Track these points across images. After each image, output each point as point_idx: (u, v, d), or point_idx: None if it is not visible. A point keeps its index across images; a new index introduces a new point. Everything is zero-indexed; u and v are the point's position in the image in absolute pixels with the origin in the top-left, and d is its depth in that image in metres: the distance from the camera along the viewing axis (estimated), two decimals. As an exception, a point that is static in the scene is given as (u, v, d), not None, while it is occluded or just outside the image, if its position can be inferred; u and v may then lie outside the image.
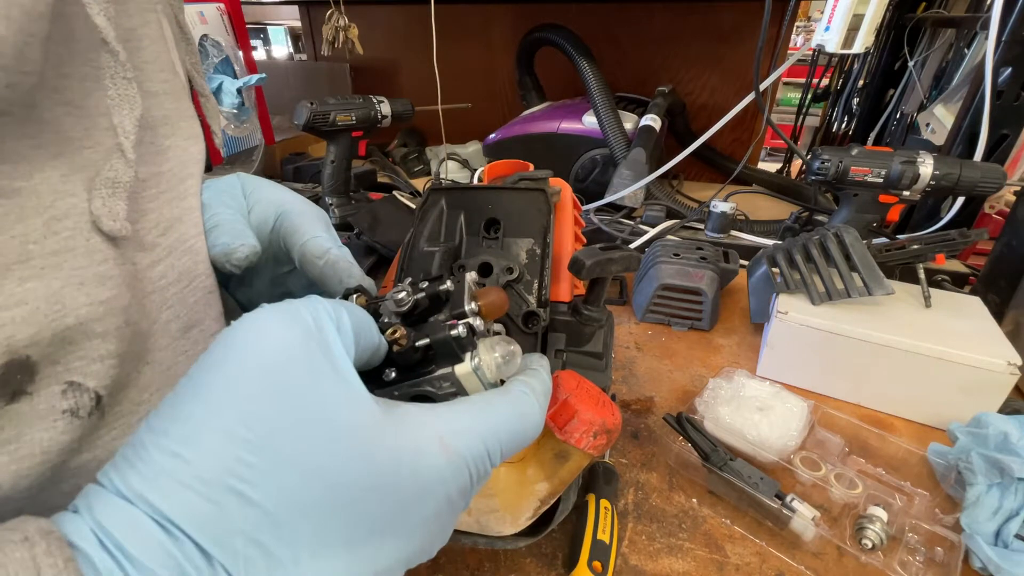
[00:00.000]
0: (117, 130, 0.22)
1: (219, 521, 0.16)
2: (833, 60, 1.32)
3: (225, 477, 0.16)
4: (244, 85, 0.99)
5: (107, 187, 0.21)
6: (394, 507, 0.18)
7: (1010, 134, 0.71)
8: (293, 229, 0.32)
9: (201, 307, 0.29)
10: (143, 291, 0.25)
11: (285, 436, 0.17)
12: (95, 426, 0.22)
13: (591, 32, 1.05)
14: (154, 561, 0.15)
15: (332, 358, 0.18)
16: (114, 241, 0.22)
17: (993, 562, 0.38)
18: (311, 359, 0.18)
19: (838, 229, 0.60)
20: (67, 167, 0.20)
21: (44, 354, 0.20)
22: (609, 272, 0.32)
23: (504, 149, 1.08)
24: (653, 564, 0.40)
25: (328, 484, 0.17)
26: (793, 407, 0.51)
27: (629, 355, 0.65)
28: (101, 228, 0.21)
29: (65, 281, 0.20)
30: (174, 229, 0.27)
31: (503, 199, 0.36)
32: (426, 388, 0.23)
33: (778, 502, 0.42)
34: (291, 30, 2.15)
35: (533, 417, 0.24)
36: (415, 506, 0.19)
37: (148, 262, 0.25)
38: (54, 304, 0.19)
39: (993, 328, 0.55)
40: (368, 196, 1.04)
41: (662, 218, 0.92)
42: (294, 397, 0.17)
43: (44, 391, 0.20)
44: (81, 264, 0.20)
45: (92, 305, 0.21)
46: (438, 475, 0.19)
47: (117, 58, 0.22)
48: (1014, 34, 0.66)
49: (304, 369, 0.18)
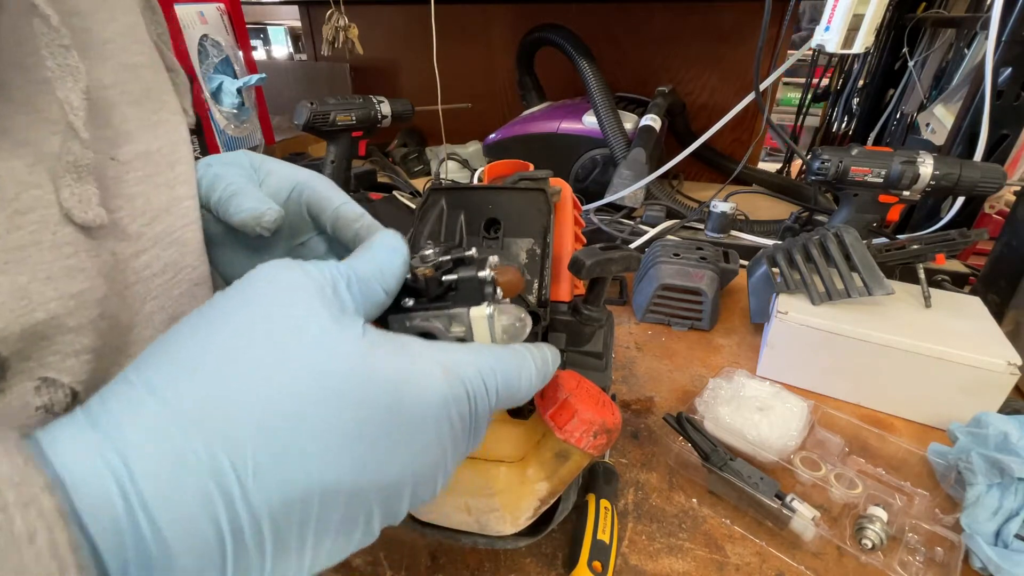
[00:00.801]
0: (64, 106, 0.21)
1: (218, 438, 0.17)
2: (833, 60, 1.32)
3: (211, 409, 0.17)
4: (244, 85, 0.99)
5: (70, 173, 0.20)
6: (395, 423, 0.19)
7: (1010, 134, 0.71)
8: (319, 197, 0.32)
9: (187, 299, 0.28)
10: (124, 282, 0.24)
11: (283, 364, 0.18)
12: None
13: (591, 32, 1.05)
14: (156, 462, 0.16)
15: (326, 299, 0.20)
16: (88, 231, 0.21)
17: (993, 562, 0.38)
18: (305, 299, 0.19)
19: (838, 229, 0.60)
20: (33, 156, 0.20)
21: (14, 350, 0.19)
22: (609, 272, 0.32)
23: (504, 149, 1.08)
24: (653, 564, 0.40)
25: (322, 400, 0.18)
26: (793, 407, 0.51)
27: (629, 355, 0.65)
28: (74, 220, 0.20)
29: (31, 276, 0.19)
30: (161, 219, 0.26)
31: (503, 199, 0.36)
32: (435, 324, 0.24)
33: (778, 502, 0.42)
34: (291, 30, 2.15)
35: (529, 378, 0.24)
36: (417, 424, 0.20)
37: (131, 252, 0.24)
38: (20, 299, 0.19)
39: (993, 328, 0.55)
40: (368, 196, 1.04)
41: (662, 218, 0.92)
42: (291, 333, 0.18)
43: (16, 387, 0.20)
44: (47, 258, 0.20)
45: (62, 299, 0.20)
46: (438, 395, 0.20)
47: (49, 23, 0.20)
48: (1014, 34, 0.66)
49: (297, 309, 0.19)
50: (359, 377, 0.19)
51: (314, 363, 0.18)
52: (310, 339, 0.19)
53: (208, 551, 0.16)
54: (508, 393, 0.23)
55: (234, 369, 0.17)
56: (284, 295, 0.20)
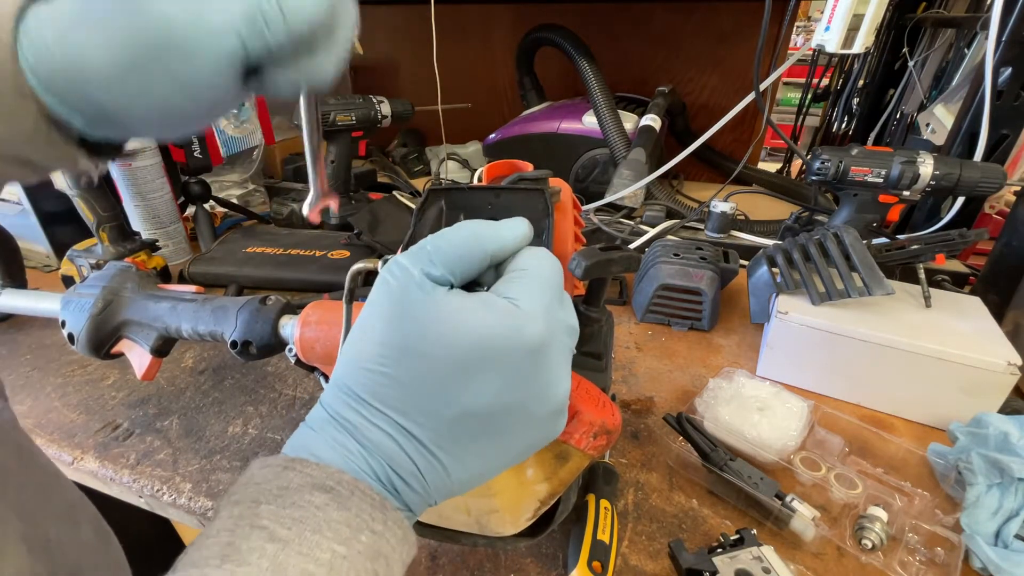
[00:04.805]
0: None
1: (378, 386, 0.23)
2: (833, 60, 1.32)
3: (374, 363, 0.23)
4: (244, 85, 0.98)
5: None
6: (494, 346, 0.22)
7: (1010, 134, 0.71)
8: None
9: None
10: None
11: (404, 336, 0.22)
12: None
13: (591, 32, 1.05)
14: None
15: (422, 282, 0.23)
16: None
17: (993, 562, 0.38)
18: (409, 288, 0.23)
19: (838, 229, 0.60)
20: None
21: None
22: (609, 272, 0.32)
23: (504, 149, 1.08)
24: (653, 564, 0.40)
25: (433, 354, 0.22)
26: (793, 407, 0.51)
27: (629, 355, 0.65)
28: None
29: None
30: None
31: (502, 199, 0.36)
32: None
33: (778, 502, 0.42)
34: (291, 30, 2.14)
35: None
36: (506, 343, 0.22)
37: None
38: None
39: (993, 328, 0.55)
40: (368, 196, 1.04)
41: (662, 218, 0.92)
42: (402, 311, 0.22)
43: None
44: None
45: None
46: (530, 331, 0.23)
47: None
48: (1014, 34, 0.66)
49: (406, 294, 0.23)
50: (461, 330, 0.22)
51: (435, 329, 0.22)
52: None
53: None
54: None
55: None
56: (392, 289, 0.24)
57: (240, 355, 0.45)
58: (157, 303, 0.48)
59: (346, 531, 0.20)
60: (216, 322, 0.46)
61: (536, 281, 0.24)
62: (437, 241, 0.24)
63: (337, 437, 0.23)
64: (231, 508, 0.21)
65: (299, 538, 0.19)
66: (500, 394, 0.22)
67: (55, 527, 0.24)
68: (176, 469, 0.49)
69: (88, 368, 0.63)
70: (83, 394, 0.59)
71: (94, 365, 0.63)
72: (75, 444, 0.52)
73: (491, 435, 0.23)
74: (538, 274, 0.24)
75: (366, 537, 0.20)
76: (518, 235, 0.26)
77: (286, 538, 0.19)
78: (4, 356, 0.65)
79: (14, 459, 0.24)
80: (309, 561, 0.19)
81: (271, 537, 0.19)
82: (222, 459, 0.50)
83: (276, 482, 0.21)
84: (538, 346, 0.22)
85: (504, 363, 0.22)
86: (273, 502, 0.20)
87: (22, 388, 0.60)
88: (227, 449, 0.51)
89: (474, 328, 0.22)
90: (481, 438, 0.23)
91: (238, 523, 0.20)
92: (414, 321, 0.22)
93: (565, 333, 0.24)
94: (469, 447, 0.23)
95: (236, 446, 0.52)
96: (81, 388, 0.60)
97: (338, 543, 0.20)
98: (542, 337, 0.22)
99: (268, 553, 0.19)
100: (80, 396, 0.59)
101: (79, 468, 0.51)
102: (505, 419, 0.23)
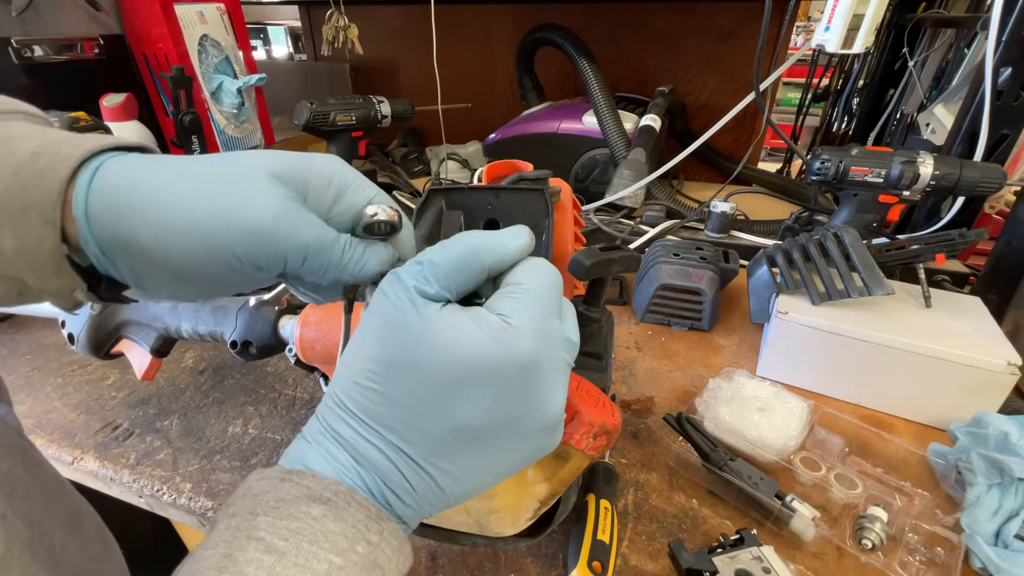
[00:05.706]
0: None
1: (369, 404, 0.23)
2: (833, 60, 1.32)
3: (365, 379, 0.23)
4: (244, 85, 0.98)
5: None
6: (485, 360, 0.22)
7: (1010, 134, 0.71)
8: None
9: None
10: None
11: (394, 352, 0.23)
12: None
13: (591, 32, 1.05)
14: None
15: (414, 299, 0.23)
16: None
17: (993, 562, 0.38)
18: (401, 304, 0.23)
19: (838, 229, 0.59)
20: None
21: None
22: (609, 272, 0.32)
23: (504, 149, 1.08)
24: (653, 564, 0.40)
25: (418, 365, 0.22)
26: (793, 407, 0.51)
27: (629, 355, 0.65)
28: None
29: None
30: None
31: (502, 199, 0.36)
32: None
33: (778, 502, 0.42)
34: (291, 30, 2.14)
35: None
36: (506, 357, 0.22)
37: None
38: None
39: (993, 328, 0.55)
40: (368, 196, 1.04)
41: (662, 218, 0.92)
42: (394, 327, 0.23)
43: None
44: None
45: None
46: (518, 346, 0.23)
47: None
48: (1014, 34, 0.66)
49: (399, 311, 0.23)
50: (446, 345, 0.23)
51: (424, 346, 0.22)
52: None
53: None
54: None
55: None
56: (387, 307, 0.24)
57: (240, 355, 0.45)
58: (157, 303, 0.48)
59: (343, 542, 0.20)
60: (216, 322, 0.46)
61: (531, 296, 0.23)
62: (433, 256, 0.24)
63: (331, 450, 0.23)
64: (228, 520, 0.21)
65: (296, 549, 0.19)
66: (491, 411, 0.22)
67: (60, 534, 0.24)
68: (176, 469, 0.49)
69: (88, 368, 0.63)
70: (83, 394, 0.59)
71: (94, 365, 0.63)
72: (75, 444, 0.52)
73: (484, 450, 0.23)
74: (533, 288, 0.24)
75: (362, 548, 0.21)
76: (518, 246, 0.25)
77: (283, 549, 0.19)
78: (4, 356, 0.65)
79: (20, 466, 0.24)
80: (306, 572, 0.19)
81: (268, 549, 0.19)
82: (222, 459, 0.50)
83: (273, 494, 0.21)
84: (529, 363, 0.22)
85: (494, 380, 0.22)
86: (270, 514, 0.20)
87: (22, 388, 0.60)
88: (227, 449, 0.51)
89: (464, 346, 0.21)
90: (474, 454, 0.23)
91: (235, 535, 0.20)
92: (404, 338, 0.22)
93: (561, 348, 0.24)
94: (462, 463, 0.23)
95: (236, 446, 0.52)
96: (81, 388, 0.60)
97: (335, 554, 0.20)
98: (532, 354, 0.22)
99: (265, 564, 0.19)
100: (80, 396, 0.59)
101: (79, 468, 0.51)
102: (497, 435, 0.23)
